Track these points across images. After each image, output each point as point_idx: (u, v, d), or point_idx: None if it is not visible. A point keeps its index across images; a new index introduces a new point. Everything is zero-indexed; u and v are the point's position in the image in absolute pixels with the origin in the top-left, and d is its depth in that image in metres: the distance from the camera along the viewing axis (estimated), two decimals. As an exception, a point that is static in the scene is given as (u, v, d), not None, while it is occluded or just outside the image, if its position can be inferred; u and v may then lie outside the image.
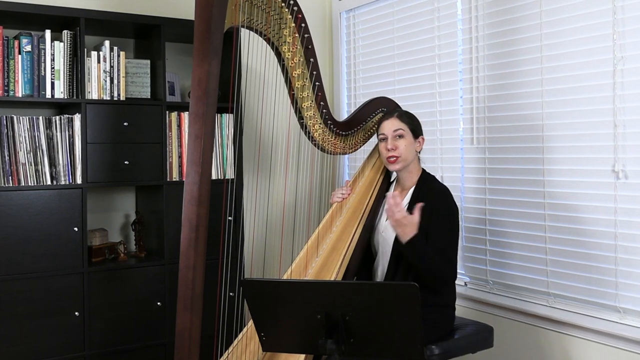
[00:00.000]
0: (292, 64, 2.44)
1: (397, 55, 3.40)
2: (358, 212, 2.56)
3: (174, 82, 3.39)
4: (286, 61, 2.43)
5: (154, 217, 3.22)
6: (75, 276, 2.90)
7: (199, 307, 2.15)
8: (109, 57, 3.03)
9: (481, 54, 2.91)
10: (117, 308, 3.00)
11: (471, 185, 2.99)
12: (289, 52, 2.43)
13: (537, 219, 2.68)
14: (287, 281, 1.93)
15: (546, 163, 2.65)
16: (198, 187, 2.11)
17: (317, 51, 2.47)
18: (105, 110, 2.99)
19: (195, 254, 2.12)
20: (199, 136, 2.11)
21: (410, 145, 2.50)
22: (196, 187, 2.11)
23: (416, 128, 2.54)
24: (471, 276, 3.01)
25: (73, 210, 2.90)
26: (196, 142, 2.11)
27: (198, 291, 2.14)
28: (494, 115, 2.87)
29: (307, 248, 2.53)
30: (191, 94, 2.15)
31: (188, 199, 2.13)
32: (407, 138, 2.50)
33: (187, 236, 2.13)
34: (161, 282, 3.10)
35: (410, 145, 2.50)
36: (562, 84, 2.57)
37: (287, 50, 2.42)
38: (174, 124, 3.16)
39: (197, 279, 2.13)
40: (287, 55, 2.43)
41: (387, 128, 2.52)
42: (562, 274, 2.60)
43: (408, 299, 1.72)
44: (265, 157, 3.58)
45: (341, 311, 1.78)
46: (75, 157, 2.92)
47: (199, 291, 2.14)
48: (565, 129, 2.58)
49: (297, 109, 2.53)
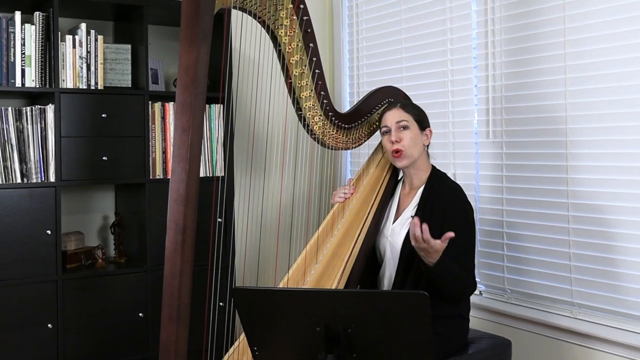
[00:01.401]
0: (290, 49, 2.44)
1: (405, 39, 3.40)
2: (362, 213, 2.56)
3: (158, 69, 3.39)
4: (283, 46, 2.43)
5: (136, 218, 3.22)
6: (48, 284, 2.90)
7: (186, 318, 2.15)
8: (85, 42, 3.03)
9: (498, 38, 2.91)
10: (94, 320, 3.00)
11: (486, 184, 2.99)
12: (286, 37, 2.43)
13: (560, 221, 2.68)
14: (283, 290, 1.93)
15: (570, 159, 2.65)
16: (185, 186, 2.11)
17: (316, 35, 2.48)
18: (81, 100, 3.00)
19: (182, 259, 2.12)
20: (186, 129, 2.11)
21: (416, 137, 2.50)
22: (183, 185, 2.11)
23: (422, 119, 2.54)
24: (487, 284, 3.01)
25: (46, 212, 2.90)
26: (183, 135, 2.12)
27: (185, 300, 2.14)
28: (512, 106, 2.86)
29: (305, 253, 2.52)
30: (178, 82, 2.15)
31: (174, 199, 2.13)
32: (413, 130, 2.50)
33: (172, 240, 2.13)
34: (143, 290, 3.10)
35: (416, 138, 2.50)
36: (588, 71, 2.57)
37: (284, 34, 2.42)
38: (158, 115, 3.16)
39: (183, 287, 2.13)
40: (284, 40, 2.43)
41: (390, 119, 2.52)
42: (588, 281, 2.61)
43: (417, 309, 1.72)
44: (259, 152, 3.58)
45: (343, 323, 1.78)
46: (48, 153, 2.92)
47: (185, 300, 2.15)
48: (591, 121, 2.58)
49: (294, 99, 2.53)
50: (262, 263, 3.46)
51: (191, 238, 2.14)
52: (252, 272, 3.49)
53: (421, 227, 2.16)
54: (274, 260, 3.08)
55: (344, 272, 2.39)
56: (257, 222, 3.47)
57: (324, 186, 3.41)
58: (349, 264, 2.42)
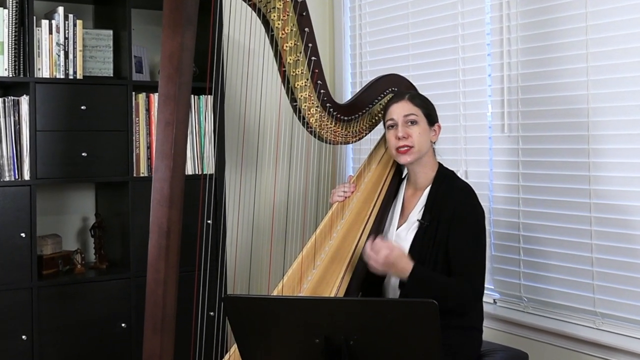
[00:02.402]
0: (283, 34, 2.44)
1: (412, 24, 3.40)
2: (363, 214, 2.56)
3: (142, 56, 3.39)
4: (275, 32, 2.43)
5: (118, 220, 3.22)
6: (22, 292, 2.90)
7: (171, 329, 2.15)
8: (63, 27, 3.02)
9: (513, 23, 2.90)
10: (72, 331, 3.00)
11: (501, 182, 2.98)
12: (279, 21, 2.42)
13: (582, 222, 2.68)
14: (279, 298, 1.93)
15: (593, 155, 2.64)
16: (169, 185, 2.11)
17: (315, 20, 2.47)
18: (58, 91, 2.99)
19: (166, 265, 2.12)
20: (170, 122, 2.11)
21: (424, 133, 2.49)
22: (167, 184, 2.11)
23: (431, 113, 2.53)
24: (501, 292, 3.01)
25: (19, 212, 2.89)
26: (167, 129, 2.11)
27: (170, 310, 2.15)
28: (529, 97, 2.86)
29: (301, 258, 2.52)
30: (161, 71, 2.14)
31: (157, 199, 2.13)
32: (421, 125, 2.49)
33: (155, 244, 2.13)
34: (126, 299, 3.10)
35: (424, 134, 2.49)
36: (613, 59, 2.57)
37: (276, 18, 2.41)
38: (142, 107, 3.16)
39: (168, 295, 2.13)
40: (277, 25, 2.42)
41: (397, 112, 2.51)
42: (612, 289, 2.60)
43: (425, 319, 1.72)
44: (250, 147, 3.58)
45: (344, 334, 1.78)
46: (22, 148, 2.92)
47: (170, 310, 2.15)
48: (616, 114, 2.57)
49: (289, 89, 2.53)
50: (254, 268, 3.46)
51: (176, 242, 2.15)
52: (243, 278, 3.49)
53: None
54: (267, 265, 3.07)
55: (344, 278, 2.39)
56: (249, 223, 3.46)
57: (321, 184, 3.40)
58: (350, 269, 2.41)
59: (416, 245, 2.40)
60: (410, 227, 2.46)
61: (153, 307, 2.14)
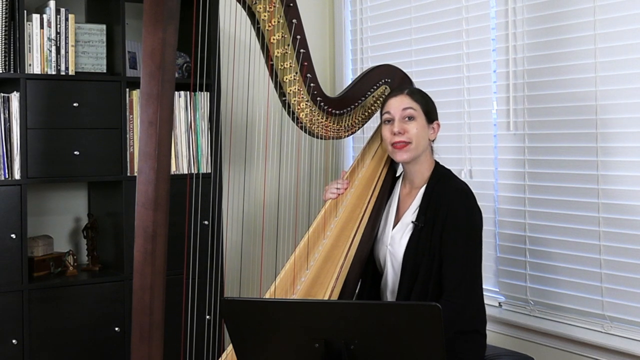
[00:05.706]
0: (270, 26, 2.43)
1: (415, 19, 3.40)
2: (357, 211, 2.55)
3: (136, 52, 3.39)
4: (262, 24, 2.42)
5: (111, 221, 3.22)
6: (12, 295, 2.90)
7: (159, 337, 2.15)
8: (54, 21, 3.02)
9: (519, 17, 2.90)
10: (64, 335, 3.00)
11: (507, 182, 2.98)
12: (265, 13, 2.41)
13: (590, 223, 2.68)
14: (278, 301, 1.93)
15: (601, 154, 2.64)
16: (154, 187, 2.11)
17: (314, 13, 2.47)
18: (50, 87, 2.99)
19: (152, 270, 2.12)
20: (153, 122, 2.10)
21: (422, 130, 2.48)
22: (151, 187, 2.11)
23: (430, 110, 2.53)
24: (507, 295, 3.01)
25: (10, 213, 2.89)
26: (150, 129, 2.10)
27: (157, 317, 2.14)
28: (535, 94, 2.86)
29: (294, 258, 2.52)
30: (142, 69, 2.13)
31: (142, 202, 2.12)
32: (419, 121, 2.48)
33: (141, 249, 2.13)
34: (120, 302, 3.10)
35: (422, 131, 2.48)
36: (622, 54, 2.57)
37: (262, 10, 2.41)
38: (136, 104, 3.16)
39: (155, 302, 2.13)
40: (263, 17, 2.41)
41: (395, 106, 2.50)
42: (621, 292, 2.60)
43: (428, 323, 1.72)
44: (238, 144, 3.56)
45: (345, 338, 1.77)
46: (12, 147, 2.91)
47: (158, 317, 2.14)
48: (626, 112, 2.57)
49: (277, 83, 2.53)
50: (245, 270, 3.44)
51: (163, 247, 2.14)
52: (234, 280, 3.48)
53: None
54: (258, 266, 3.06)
55: (338, 279, 2.39)
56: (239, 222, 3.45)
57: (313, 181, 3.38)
58: (344, 269, 2.41)
59: (410, 250, 2.40)
60: (405, 229, 2.46)
61: (140, 315, 2.13)
